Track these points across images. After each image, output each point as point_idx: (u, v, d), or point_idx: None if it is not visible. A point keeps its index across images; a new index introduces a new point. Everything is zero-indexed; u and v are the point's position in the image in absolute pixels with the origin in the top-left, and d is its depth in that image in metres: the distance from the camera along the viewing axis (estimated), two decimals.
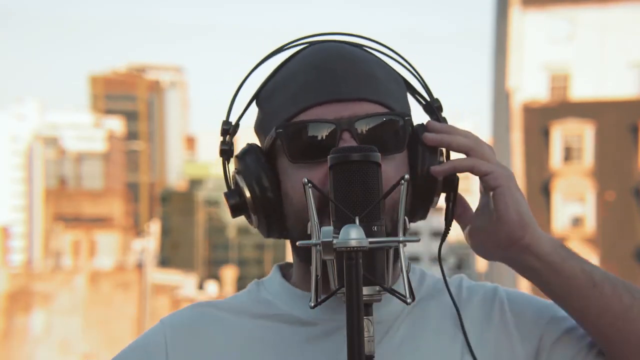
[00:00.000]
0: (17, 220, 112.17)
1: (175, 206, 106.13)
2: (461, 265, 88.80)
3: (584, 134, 34.03)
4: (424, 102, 1.23)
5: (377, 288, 0.98)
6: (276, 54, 1.19)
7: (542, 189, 33.90)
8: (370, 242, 0.93)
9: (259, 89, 1.19)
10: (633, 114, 33.81)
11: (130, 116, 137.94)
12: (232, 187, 1.17)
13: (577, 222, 33.46)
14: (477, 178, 1.25)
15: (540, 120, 34.67)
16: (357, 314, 0.91)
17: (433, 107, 1.23)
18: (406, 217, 1.01)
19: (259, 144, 1.20)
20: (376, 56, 1.19)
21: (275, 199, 1.13)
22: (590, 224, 33.09)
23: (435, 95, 1.24)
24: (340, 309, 1.09)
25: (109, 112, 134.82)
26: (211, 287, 57.02)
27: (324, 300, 0.98)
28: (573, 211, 33.43)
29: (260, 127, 1.18)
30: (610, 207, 32.92)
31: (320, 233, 0.95)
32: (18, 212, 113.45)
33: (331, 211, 0.99)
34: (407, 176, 1.01)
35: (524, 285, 32.98)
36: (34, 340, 45.66)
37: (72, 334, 45.61)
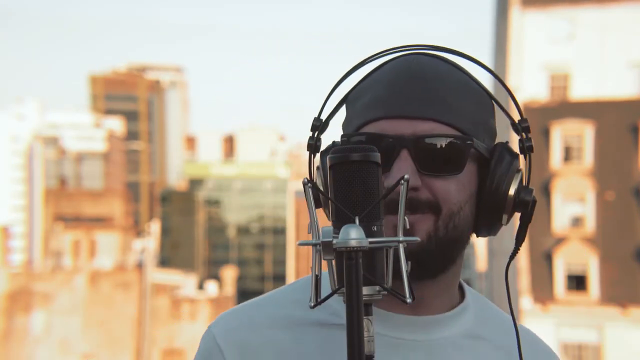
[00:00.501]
0: (17, 220, 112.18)
1: (175, 206, 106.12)
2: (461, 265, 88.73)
3: (584, 134, 34.04)
4: (512, 121, 1.33)
5: (377, 288, 0.98)
6: (372, 60, 1.23)
7: (542, 189, 33.90)
8: (370, 242, 0.94)
9: (349, 91, 1.23)
10: (633, 114, 33.82)
11: (130, 116, 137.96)
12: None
13: (577, 222, 33.47)
14: None
15: (540, 120, 34.67)
16: (357, 314, 0.91)
17: (519, 128, 1.33)
18: (406, 217, 1.01)
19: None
20: (465, 73, 1.23)
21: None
22: (590, 224, 33.09)
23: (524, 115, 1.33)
24: (401, 323, 1.17)
25: (109, 112, 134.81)
26: (211, 287, 56.99)
27: (323, 300, 0.98)
28: (573, 211, 33.43)
29: (343, 126, 1.23)
30: (610, 207, 32.92)
31: (320, 233, 0.95)
32: (18, 212, 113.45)
33: (331, 211, 0.99)
34: (406, 176, 1.01)
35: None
36: (34, 340, 45.68)
37: (72, 334, 45.64)
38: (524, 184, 1.26)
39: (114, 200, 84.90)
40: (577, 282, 32.43)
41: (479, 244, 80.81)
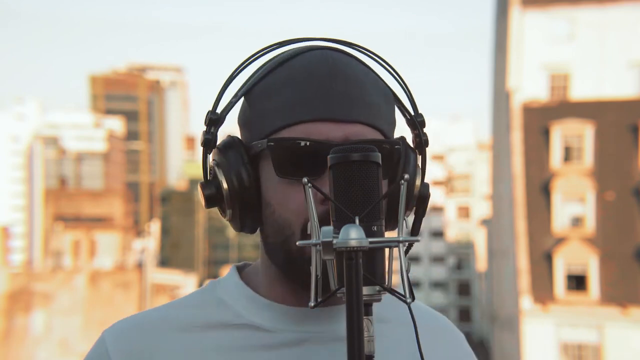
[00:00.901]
0: (17, 220, 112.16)
1: (175, 206, 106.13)
2: (461, 265, 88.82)
3: (584, 134, 34.03)
4: (408, 116, 1.23)
5: (377, 288, 0.98)
6: (270, 51, 1.20)
7: (542, 189, 33.89)
8: (371, 242, 0.93)
9: (251, 84, 1.18)
10: (633, 114, 33.81)
11: (130, 116, 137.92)
12: (210, 178, 1.17)
13: (577, 222, 33.46)
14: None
15: (540, 120, 34.67)
16: (357, 314, 0.90)
17: (416, 122, 1.23)
18: (406, 218, 1.01)
19: (239, 135, 1.21)
20: (368, 68, 1.19)
21: (253, 198, 1.15)
22: (590, 224, 33.08)
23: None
24: (306, 319, 1.17)
25: (109, 112, 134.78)
26: None
27: (323, 300, 0.98)
28: (573, 211, 33.42)
29: (246, 123, 1.18)
30: (610, 207, 32.91)
31: (320, 233, 0.95)
32: (18, 212, 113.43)
33: (331, 211, 0.99)
34: (406, 176, 1.01)
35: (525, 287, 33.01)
36: (34, 340, 45.65)
37: (72, 334, 45.61)
38: (421, 178, 1.22)
39: (114, 200, 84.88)
40: (577, 282, 32.42)
41: (479, 244, 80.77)
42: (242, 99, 1.19)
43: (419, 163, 1.21)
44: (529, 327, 32.51)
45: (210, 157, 1.19)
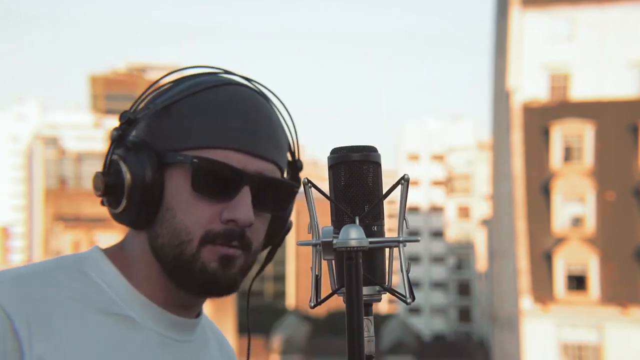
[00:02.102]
0: (17, 220, 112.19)
1: None
2: (461, 266, 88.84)
3: (584, 134, 34.05)
4: (293, 158, 1.35)
5: (377, 288, 0.97)
6: (186, 70, 1.29)
7: (542, 189, 33.91)
8: (371, 242, 0.93)
9: (178, 98, 1.24)
10: (633, 114, 33.82)
11: None
12: (109, 169, 1.23)
13: (577, 222, 33.47)
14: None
15: (540, 120, 34.68)
16: (357, 314, 0.90)
17: (297, 166, 1.34)
18: (406, 218, 1.01)
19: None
20: (273, 106, 1.31)
21: (154, 198, 1.21)
22: (590, 224, 33.10)
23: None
24: (173, 325, 1.26)
25: (109, 112, 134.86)
26: None
27: (323, 300, 0.98)
28: (573, 211, 33.44)
29: (162, 131, 1.23)
30: (610, 207, 32.93)
31: (320, 233, 0.95)
32: (18, 212, 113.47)
33: (331, 211, 0.99)
34: (407, 176, 1.01)
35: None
36: None
37: None
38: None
39: None
40: (577, 282, 32.44)
41: (479, 244, 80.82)
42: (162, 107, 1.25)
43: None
44: (529, 327, 32.52)
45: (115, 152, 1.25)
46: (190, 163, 1.19)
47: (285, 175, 1.31)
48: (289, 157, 1.33)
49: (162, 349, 1.24)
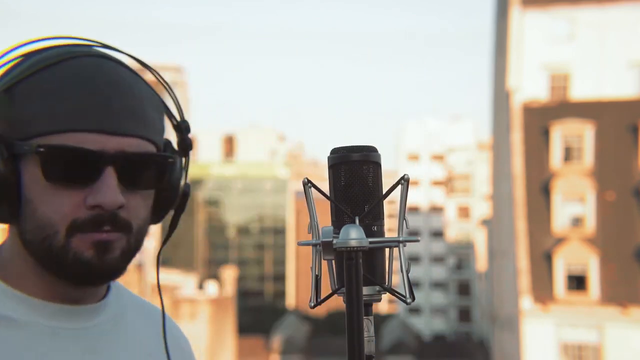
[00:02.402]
0: None
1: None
2: (461, 266, 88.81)
3: (584, 134, 34.04)
4: (175, 122, 1.29)
5: (377, 288, 0.97)
6: (29, 45, 1.18)
7: (542, 189, 33.91)
8: (371, 242, 0.93)
9: (14, 80, 1.14)
10: (633, 114, 33.82)
11: None
12: None
13: (577, 222, 33.47)
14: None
15: (540, 120, 34.68)
16: (357, 314, 0.90)
17: (182, 128, 1.28)
18: (406, 218, 1.01)
19: None
20: (139, 77, 1.22)
21: (11, 192, 1.14)
22: (590, 224, 33.09)
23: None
24: (58, 315, 1.19)
25: None
26: (211, 286, 57.02)
27: (323, 300, 0.98)
28: (573, 211, 33.44)
29: (6, 118, 1.14)
30: (610, 207, 32.92)
31: (320, 233, 0.95)
32: None
33: (331, 211, 0.99)
34: (407, 176, 1.00)
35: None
36: None
37: None
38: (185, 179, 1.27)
39: None
40: (577, 282, 32.43)
41: (479, 244, 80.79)
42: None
43: (184, 165, 1.27)
44: (529, 327, 32.52)
45: None
46: (35, 152, 1.11)
47: (171, 146, 1.26)
48: (172, 127, 1.27)
49: (52, 341, 1.18)
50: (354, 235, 0.91)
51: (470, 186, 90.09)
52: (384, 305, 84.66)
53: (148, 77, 1.34)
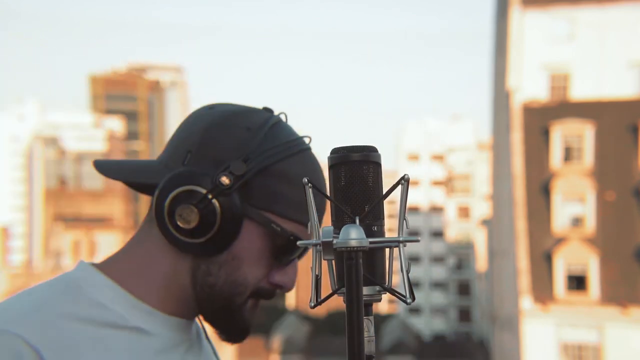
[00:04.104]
0: (17, 220, 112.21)
1: None
2: (461, 266, 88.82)
3: (584, 134, 34.05)
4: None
5: (377, 288, 0.97)
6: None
7: (542, 189, 33.91)
8: (371, 242, 0.93)
9: (272, 161, 1.28)
10: (633, 114, 33.83)
11: (130, 116, 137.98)
12: (204, 206, 1.26)
13: (577, 222, 33.47)
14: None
15: (540, 120, 34.68)
16: (357, 314, 0.90)
17: None
18: (406, 218, 1.01)
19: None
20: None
21: (228, 241, 1.27)
22: (590, 224, 33.10)
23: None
24: (178, 327, 1.30)
25: (109, 112, 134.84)
26: None
27: (324, 301, 0.98)
28: (573, 211, 33.44)
29: (249, 180, 1.27)
30: (610, 207, 32.93)
31: (320, 233, 0.95)
32: (18, 212, 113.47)
33: (331, 211, 0.99)
34: (407, 176, 1.00)
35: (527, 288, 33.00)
36: None
37: None
38: None
39: (114, 200, 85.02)
40: (577, 282, 32.44)
41: (479, 244, 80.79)
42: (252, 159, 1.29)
43: None
44: (529, 327, 32.53)
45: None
46: (266, 226, 1.27)
47: None
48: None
49: (174, 352, 1.29)
50: (354, 235, 0.91)
51: (470, 186, 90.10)
52: (384, 305, 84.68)
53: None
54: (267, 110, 1.36)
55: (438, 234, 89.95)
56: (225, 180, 1.25)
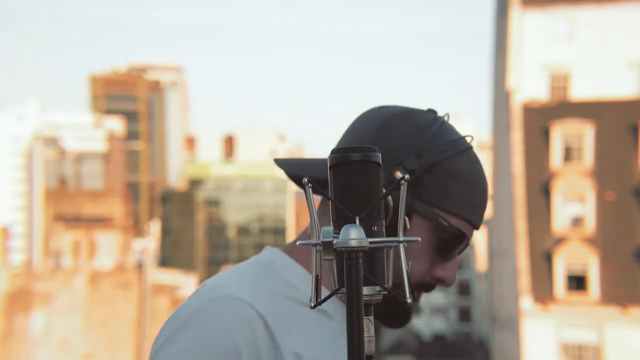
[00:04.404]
0: (17, 220, 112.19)
1: (175, 206, 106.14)
2: (461, 266, 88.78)
3: (584, 134, 34.04)
4: None
5: (377, 288, 0.97)
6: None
7: (542, 189, 33.90)
8: (371, 242, 0.93)
9: (441, 158, 1.35)
10: (633, 114, 33.82)
11: (130, 116, 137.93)
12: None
13: (577, 222, 33.47)
14: None
15: (540, 120, 34.67)
16: (357, 314, 0.90)
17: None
18: (406, 218, 1.01)
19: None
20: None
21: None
22: (590, 224, 33.09)
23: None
24: (340, 309, 1.34)
25: (109, 112, 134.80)
26: None
27: (323, 301, 0.98)
28: (573, 211, 33.43)
29: (423, 179, 1.32)
30: (610, 207, 32.92)
31: (320, 233, 0.95)
32: (18, 212, 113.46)
33: (331, 211, 0.99)
34: (407, 176, 1.01)
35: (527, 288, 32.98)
36: (34, 340, 45.67)
37: (72, 334, 45.62)
38: None
39: (114, 200, 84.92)
40: (577, 282, 32.43)
41: (479, 244, 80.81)
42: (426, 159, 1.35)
43: None
44: (529, 327, 32.52)
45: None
46: (434, 221, 1.32)
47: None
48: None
49: (341, 331, 1.33)
50: (354, 235, 0.91)
51: None
52: None
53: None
54: (431, 111, 1.43)
55: None
56: (398, 175, 1.30)
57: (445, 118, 1.43)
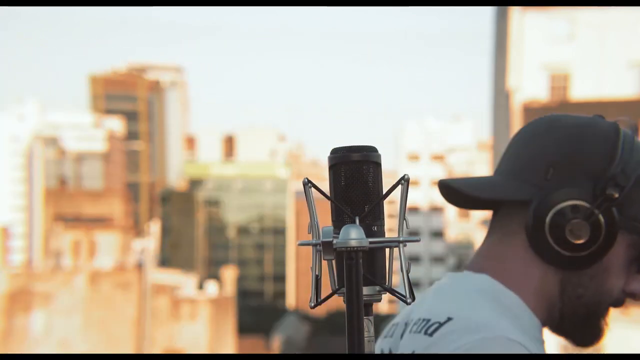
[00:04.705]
0: (17, 220, 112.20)
1: (175, 206, 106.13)
2: (461, 266, 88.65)
3: None
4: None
5: (377, 288, 0.97)
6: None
7: None
8: (371, 242, 0.93)
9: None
10: (633, 114, 33.76)
11: (130, 116, 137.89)
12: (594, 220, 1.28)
13: None
14: None
15: None
16: (357, 314, 0.90)
17: None
18: (406, 218, 1.01)
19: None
20: None
21: (604, 253, 1.31)
22: None
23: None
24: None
25: (109, 112, 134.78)
26: (211, 287, 57.00)
27: (324, 301, 0.98)
28: None
29: (629, 198, 1.29)
30: None
31: (320, 233, 0.95)
32: (18, 212, 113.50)
33: (331, 211, 0.99)
34: (407, 176, 1.00)
35: None
36: (34, 340, 45.66)
37: (72, 334, 45.62)
38: None
39: (114, 200, 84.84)
40: None
41: (479, 244, 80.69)
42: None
43: None
44: None
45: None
46: (636, 234, 1.29)
47: None
48: None
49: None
50: (354, 235, 0.91)
51: None
52: (384, 305, 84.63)
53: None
54: (600, 117, 1.44)
55: (438, 234, 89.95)
56: (613, 193, 1.27)
57: (621, 126, 1.41)
